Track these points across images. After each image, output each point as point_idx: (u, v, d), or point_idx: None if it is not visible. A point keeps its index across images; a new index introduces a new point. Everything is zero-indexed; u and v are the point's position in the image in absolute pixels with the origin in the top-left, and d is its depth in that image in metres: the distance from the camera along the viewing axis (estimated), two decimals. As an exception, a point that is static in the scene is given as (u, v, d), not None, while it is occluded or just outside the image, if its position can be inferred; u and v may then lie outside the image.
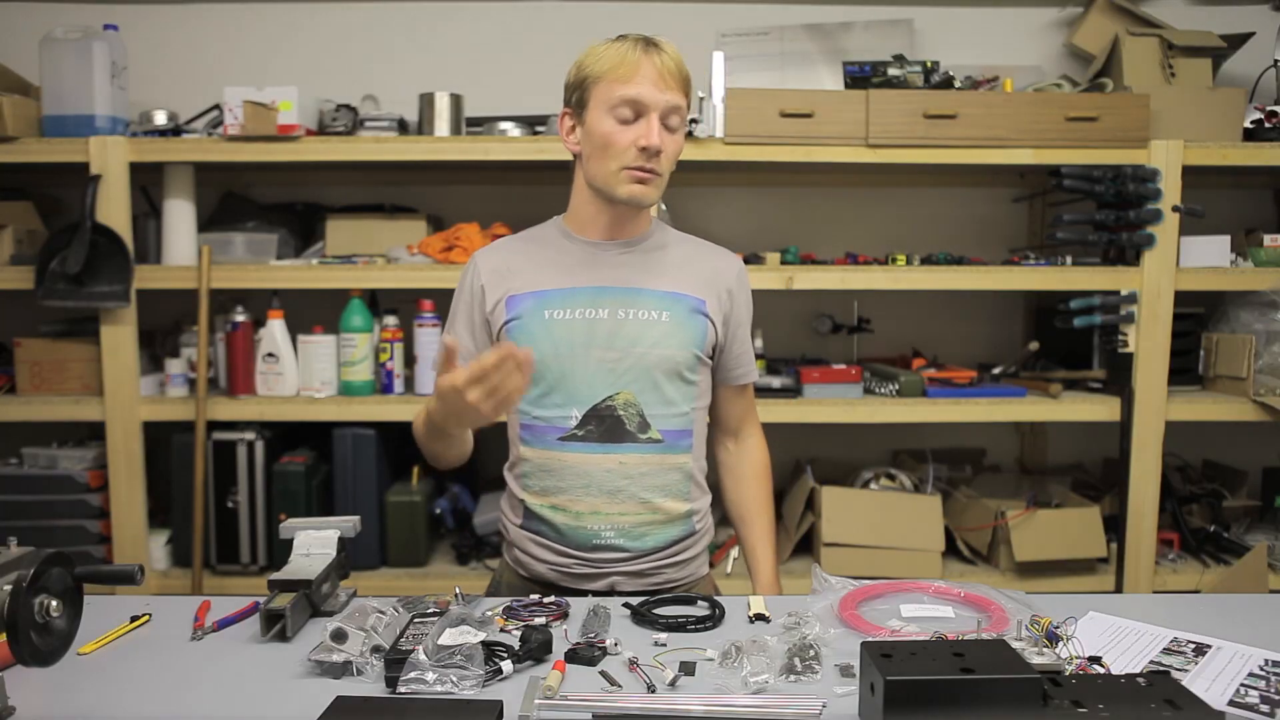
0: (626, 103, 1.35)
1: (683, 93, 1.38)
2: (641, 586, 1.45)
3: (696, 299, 1.46)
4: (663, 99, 1.35)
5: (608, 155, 1.37)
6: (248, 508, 2.32)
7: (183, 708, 1.03)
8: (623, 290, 1.43)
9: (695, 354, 1.45)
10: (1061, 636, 1.06)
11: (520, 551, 1.49)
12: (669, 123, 1.37)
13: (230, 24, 2.68)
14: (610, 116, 1.36)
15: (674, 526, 1.46)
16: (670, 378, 1.43)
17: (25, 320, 2.45)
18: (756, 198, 2.76)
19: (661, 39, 1.39)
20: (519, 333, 1.42)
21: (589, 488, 1.41)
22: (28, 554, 1.07)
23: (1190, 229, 2.37)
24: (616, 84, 1.35)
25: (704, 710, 0.98)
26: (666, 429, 1.43)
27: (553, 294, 1.43)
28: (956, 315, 2.78)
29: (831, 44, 2.62)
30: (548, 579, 1.46)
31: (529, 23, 2.71)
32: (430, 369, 2.33)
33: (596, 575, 1.44)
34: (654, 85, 1.35)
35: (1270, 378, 2.33)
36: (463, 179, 2.66)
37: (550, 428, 1.43)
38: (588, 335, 1.41)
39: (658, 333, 1.42)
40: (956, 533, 2.43)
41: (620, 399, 1.41)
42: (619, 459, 1.41)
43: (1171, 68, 2.43)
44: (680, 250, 1.51)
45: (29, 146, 2.24)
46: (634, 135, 1.35)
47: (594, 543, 1.42)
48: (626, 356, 1.41)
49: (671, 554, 1.47)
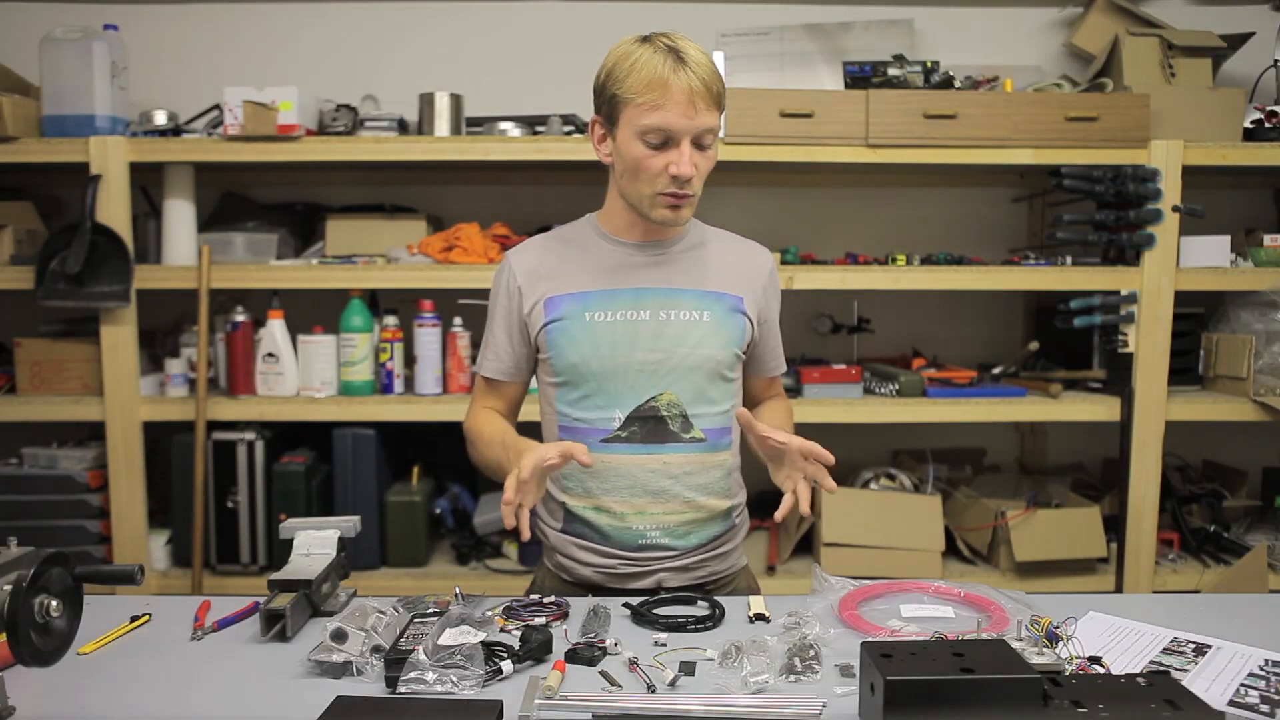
0: (657, 131, 1.31)
1: (715, 107, 1.33)
2: (687, 580, 1.46)
3: (735, 297, 1.46)
4: (694, 124, 1.31)
5: (639, 179, 1.35)
6: (248, 508, 2.32)
7: (183, 708, 1.03)
8: (664, 291, 1.43)
9: (735, 352, 1.46)
10: (1061, 636, 1.06)
11: (562, 556, 1.48)
12: (702, 142, 1.34)
13: (230, 24, 2.68)
14: (640, 141, 1.33)
15: (716, 523, 1.47)
16: (712, 377, 1.44)
17: (25, 320, 2.45)
18: (756, 198, 2.76)
19: (689, 47, 1.32)
20: (559, 335, 1.41)
21: (633, 489, 1.41)
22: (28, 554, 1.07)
23: (1190, 229, 2.37)
24: (646, 110, 1.30)
25: (704, 710, 0.98)
26: (709, 428, 1.44)
27: (593, 296, 1.42)
28: (956, 315, 2.78)
29: (831, 44, 2.62)
30: (593, 581, 1.45)
31: (529, 23, 2.70)
32: (431, 369, 2.33)
33: (643, 574, 1.44)
34: (683, 112, 1.30)
35: (1270, 378, 2.33)
36: (463, 179, 2.66)
37: (592, 429, 1.42)
38: (630, 337, 1.40)
39: (700, 333, 1.42)
40: (956, 533, 2.43)
41: (663, 400, 1.41)
42: (663, 459, 1.41)
43: (1171, 68, 2.43)
44: (717, 247, 1.51)
45: (29, 146, 2.24)
46: (665, 161, 1.33)
47: (640, 543, 1.42)
48: (670, 357, 1.41)
49: (713, 548, 1.48)
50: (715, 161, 1.39)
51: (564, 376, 1.43)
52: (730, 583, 1.53)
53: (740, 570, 1.56)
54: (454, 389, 2.36)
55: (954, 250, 2.54)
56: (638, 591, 1.43)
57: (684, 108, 1.30)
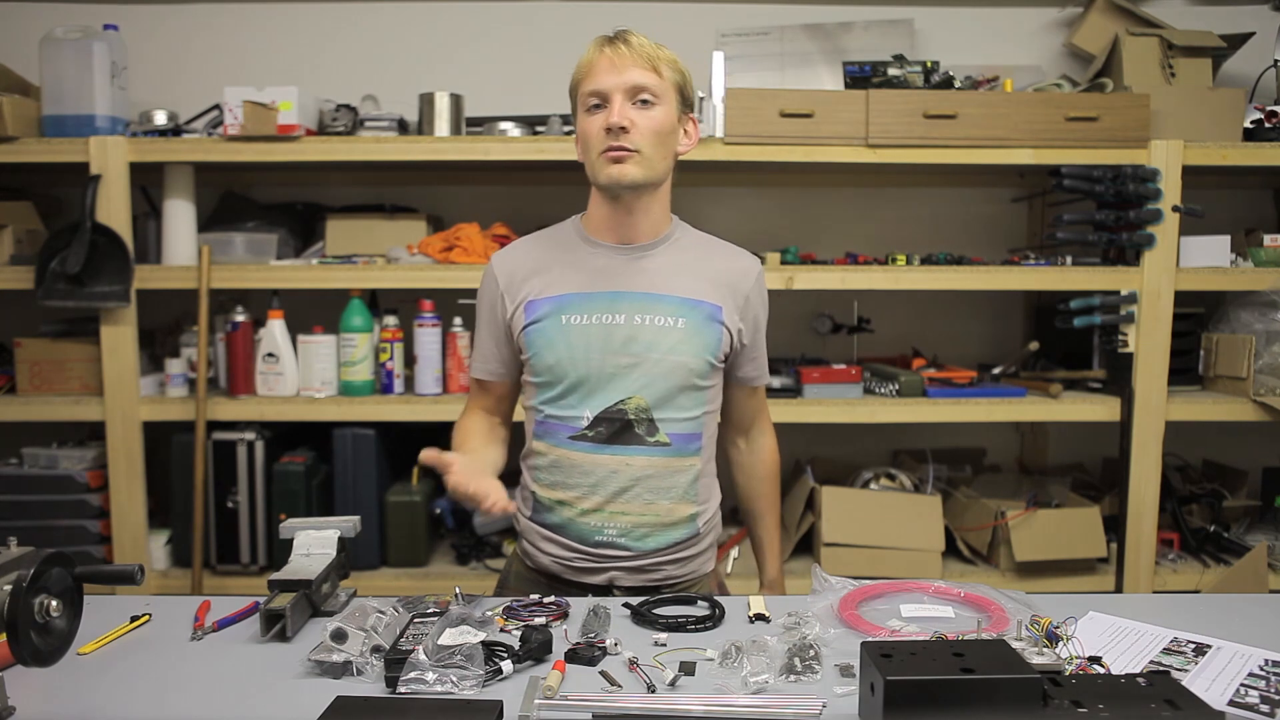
0: (592, 96, 1.41)
1: (649, 69, 1.39)
2: (641, 582, 1.46)
3: (714, 305, 1.47)
4: (620, 80, 1.38)
5: (588, 148, 1.43)
6: (248, 508, 2.32)
7: (183, 708, 1.03)
8: (640, 295, 1.44)
9: (709, 361, 1.46)
10: (1061, 636, 1.06)
11: (528, 543, 1.52)
12: (639, 98, 1.39)
13: (230, 24, 2.68)
14: (584, 114, 1.43)
15: (677, 529, 1.47)
16: (683, 384, 1.44)
17: (25, 320, 2.45)
18: (756, 198, 2.76)
19: (632, 32, 1.42)
20: (538, 337, 1.44)
21: (595, 487, 1.43)
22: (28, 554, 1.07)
23: (1190, 229, 2.37)
24: (583, 84, 1.42)
25: (704, 710, 0.98)
26: (675, 433, 1.45)
27: (571, 299, 1.45)
28: (956, 315, 2.78)
29: (831, 44, 2.62)
30: (551, 571, 1.48)
31: (529, 23, 2.70)
32: (431, 369, 2.34)
33: (597, 570, 1.45)
34: (609, 72, 1.39)
35: (1270, 378, 2.33)
36: (463, 179, 2.66)
37: (562, 426, 1.45)
38: (604, 340, 1.42)
39: (673, 339, 1.43)
40: (956, 533, 2.43)
41: (631, 403, 1.43)
42: (625, 460, 1.43)
43: (1171, 68, 2.43)
44: (700, 252, 1.52)
45: (29, 146, 2.24)
46: (601, 121, 1.40)
47: (596, 539, 1.44)
48: (642, 362, 1.42)
49: (672, 553, 1.47)
50: (663, 125, 1.41)
51: (542, 376, 1.46)
52: (690, 589, 1.51)
53: (703, 577, 1.55)
54: (454, 389, 2.36)
55: (954, 250, 2.54)
56: (592, 587, 1.45)
57: (609, 69, 1.39)
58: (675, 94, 1.43)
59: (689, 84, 1.46)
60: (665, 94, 1.41)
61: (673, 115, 1.43)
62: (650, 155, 1.40)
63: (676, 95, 1.43)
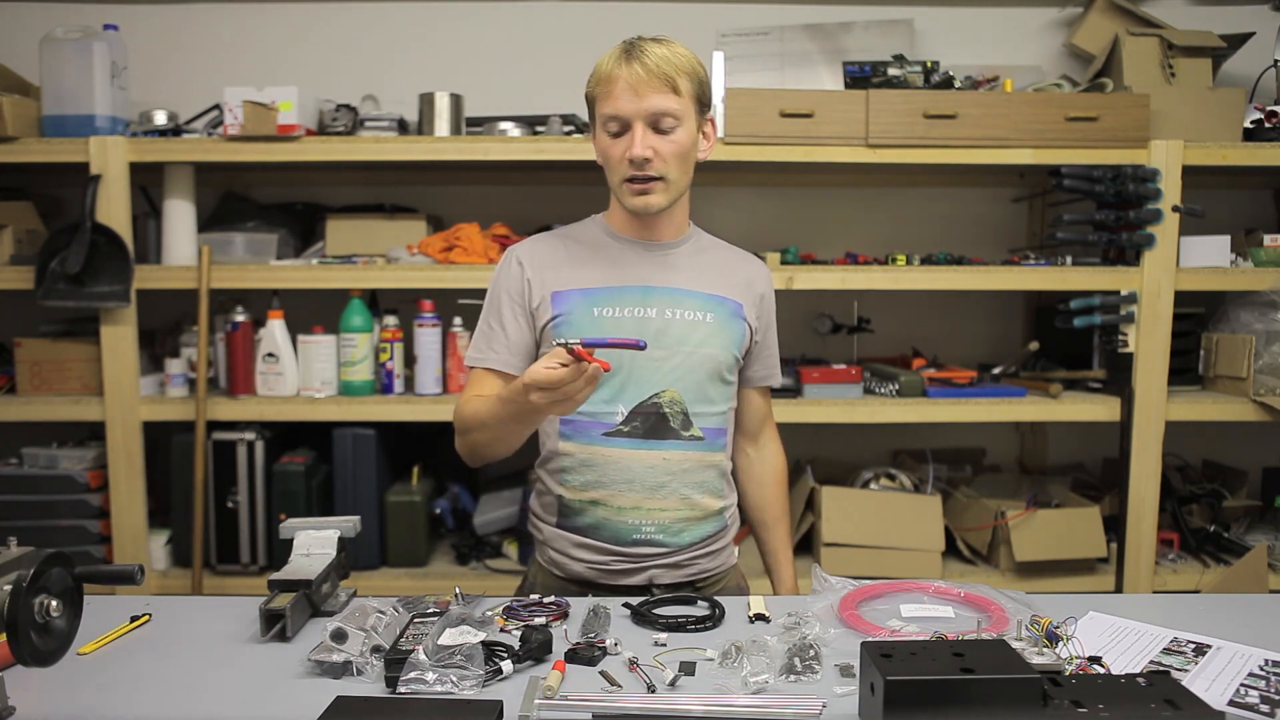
0: (611, 120, 1.39)
1: (668, 91, 1.36)
2: (678, 578, 1.47)
3: (735, 303, 1.50)
4: (642, 107, 1.36)
5: (609, 170, 1.43)
6: (248, 508, 2.32)
7: (182, 707, 1.03)
8: (669, 290, 1.46)
9: (735, 355, 1.49)
10: (1061, 636, 1.06)
11: (555, 552, 1.49)
12: (660, 125, 1.37)
13: (230, 24, 2.68)
14: (604, 133, 1.41)
15: (708, 522, 1.49)
16: (713, 377, 1.46)
17: (25, 320, 2.45)
18: (756, 198, 2.75)
19: (650, 40, 1.39)
20: (567, 329, 1.43)
21: (631, 483, 1.43)
22: (28, 554, 1.07)
23: (1190, 229, 2.37)
24: (602, 102, 1.40)
25: (704, 710, 0.98)
26: (707, 427, 1.46)
27: (600, 291, 1.45)
28: (956, 315, 2.78)
29: (831, 44, 2.62)
30: (585, 578, 1.47)
31: (529, 23, 2.70)
32: (431, 369, 2.33)
33: (634, 570, 1.45)
34: (630, 98, 1.36)
35: (1270, 378, 2.33)
36: (463, 179, 2.66)
37: (595, 423, 1.44)
38: (637, 333, 1.41)
39: (703, 333, 1.45)
40: (956, 533, 2.43)
41: (666, 397, 1.43)
42: (662, 455, 1.43)
43: (1171, 68, 2.43)
44: (718, 255, 1.55)
45: (29, 146, 2.24)
46: (623, 148, 1.38)
47: (634, 537, 1.44)
48: (674, 355, 1.43)
49: (705, 546, 1.49)
50: (685, 147, 1.40)
51: None
52: (720, 581, 1.55)
53: (730, 569, 1.58)
54: (454, 389, 2.36)
55: (954, 250, 2.54)
56: (629, 588, 1.44)
57: (630, 93, 1.36)
58: (694, 105, 1.41)
59: (706, 86, 1.43)
60: (686, 113, 1.39)
61: (693, 131, 1.42)
62: (675, 179, 1.42)
63: (695, 106, 1.41)
